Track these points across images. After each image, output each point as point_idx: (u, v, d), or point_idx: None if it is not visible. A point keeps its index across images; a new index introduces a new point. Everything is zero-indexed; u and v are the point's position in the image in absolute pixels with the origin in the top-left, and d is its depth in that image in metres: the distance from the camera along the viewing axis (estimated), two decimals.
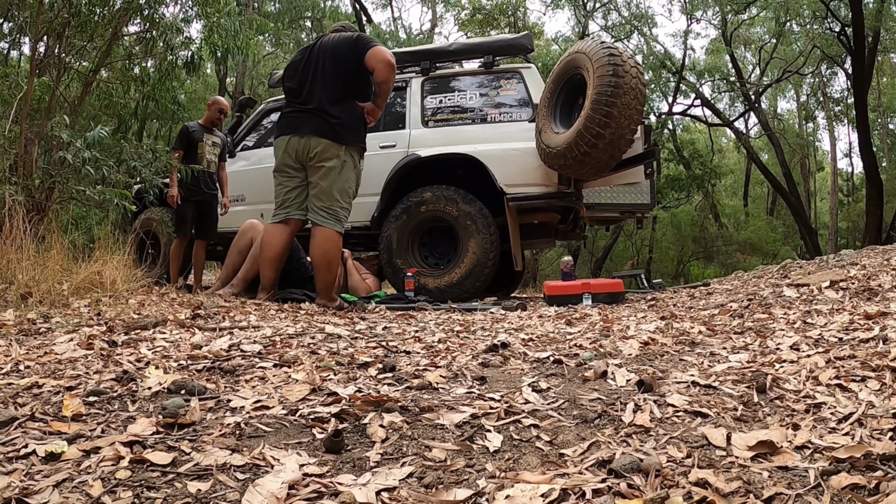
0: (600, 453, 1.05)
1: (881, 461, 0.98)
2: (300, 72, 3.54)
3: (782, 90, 23.61)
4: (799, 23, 15.65)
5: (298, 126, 3.46)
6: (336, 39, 3.53)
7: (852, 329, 1.92)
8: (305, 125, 3.44)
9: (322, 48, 3.53)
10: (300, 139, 3.43)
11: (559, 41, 18.64)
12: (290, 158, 3.49)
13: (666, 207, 18.96)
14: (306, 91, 3.48)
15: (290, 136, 3.47)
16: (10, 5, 4.52)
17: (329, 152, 3.42)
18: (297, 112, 3.50)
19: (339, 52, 3.47)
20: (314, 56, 3.52)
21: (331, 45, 3.51)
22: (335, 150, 3.42)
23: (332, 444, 1.07)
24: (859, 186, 23.21)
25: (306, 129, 3.43)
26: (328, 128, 3.42)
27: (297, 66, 3.58)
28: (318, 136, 3.41)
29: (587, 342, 1.99)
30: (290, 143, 3.46)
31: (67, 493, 0.90)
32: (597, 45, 4.02)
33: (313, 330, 2.25)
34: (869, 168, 12.15)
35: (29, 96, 3.67)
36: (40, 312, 2.24)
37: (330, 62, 3.47)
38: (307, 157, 3.44)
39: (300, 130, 3.44)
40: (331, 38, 3.56)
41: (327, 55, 3.49)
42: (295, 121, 3.49)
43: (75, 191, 3.69)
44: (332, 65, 3.46)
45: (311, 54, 3.54)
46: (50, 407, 1.23)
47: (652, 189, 5.35)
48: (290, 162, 3.50)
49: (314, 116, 3.43)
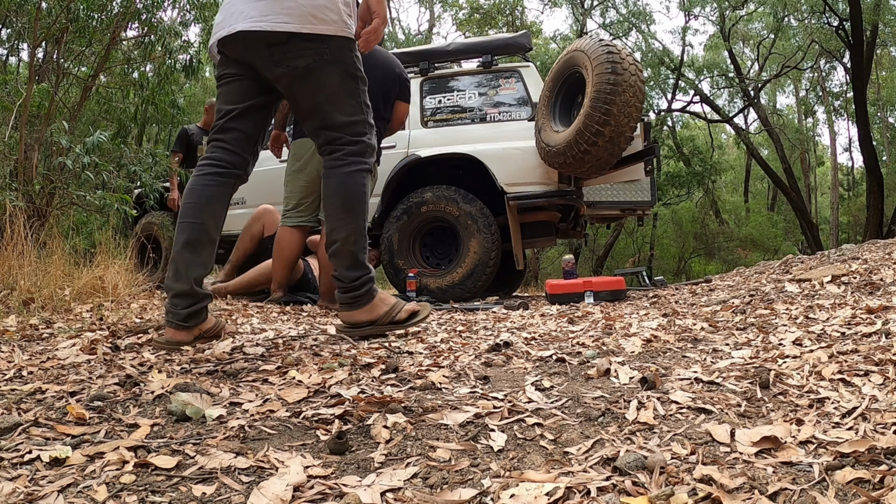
0: (604, 451, 1.05)
1: (885, 455, 0.98)
2: None
3: (781, 85, 23.61)
4: (797, 17, 15.65)
5: None
6: (384, 58, 3.53)
7: (855, 323, 1.92)
8: None
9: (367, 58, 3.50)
10: None
11: (557, 39, 18.66)
12: (319, 163, 3.44)
13: (667, 204, 18.97)
14: None
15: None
16: (7, 11, 4.53)
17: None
18: None
19: (389, 78, 3.48)
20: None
21: (381, 62, 3.48)
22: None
23: (337, 445, 1.07)
24: (860, 181, 23.21)
25: None
26: None
27: None
28: None
29: (590, 340, 1.99)
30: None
31: (72, 498, 0.90)
32: (595, 42, 4.02)
33: (316, 332, 2.26)
34: (869, 162, 12.14)
35: (28, 102, 3.67)
36: (43, 318, 2.24)
37: (380, 80, 3.44)
38: None
39: None
40: (375, 51, 3.52)
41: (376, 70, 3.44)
42: None
43: (76, 196, 3.69)
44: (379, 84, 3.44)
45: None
46: (54, 412, 1.23)
47: (652, 186, 5.36)
48: (319, 166, 3.45)
49: None
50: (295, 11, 1.79)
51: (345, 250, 1.95)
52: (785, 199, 18.39)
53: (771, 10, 15.57)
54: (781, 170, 17.06)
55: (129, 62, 5.12)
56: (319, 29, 1.82)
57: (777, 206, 23.28)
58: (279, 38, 1.82)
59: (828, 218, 23.49)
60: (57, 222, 3.78)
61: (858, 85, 12.07)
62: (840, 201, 23.02)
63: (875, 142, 16.78)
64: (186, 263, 1.85)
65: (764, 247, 18.73)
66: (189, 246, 1.86)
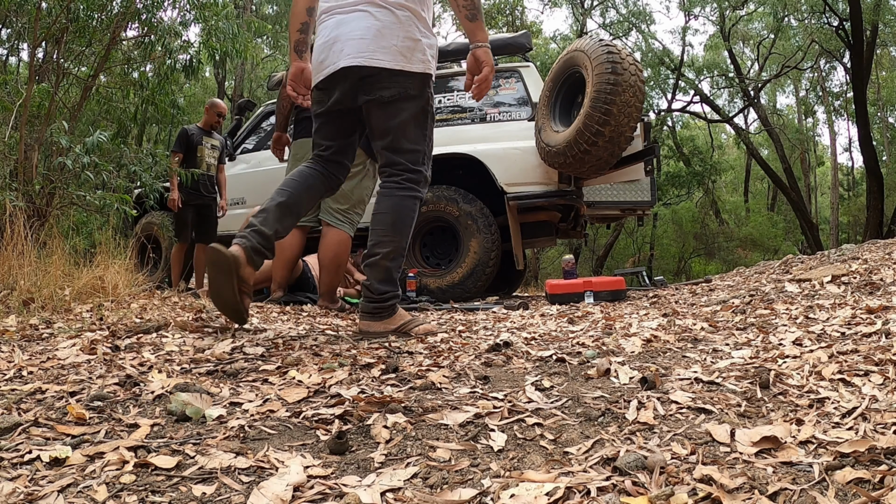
0: (604, 451, 1.05)
1: (885, 455, 0.98)
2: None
3: (781, 85, 23.61)
4: (797, 17, 15.65)
5: None
6: None
7: (855, 323, 1.91)
8: None
9: None
10: None
11: (557, 39, 18.67)
12: None
13: (667, 204, 18.98)
14: None
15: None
16: (7, 11, 4.53)
17: (358, 159, 3.41)
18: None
19: None
20: None
21: None
22: (363, 158, 3.42)
23: (337, 445, 1.07)
24: (860, 181, 23.21)
25: None
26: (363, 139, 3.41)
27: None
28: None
29: (590, 340, 1.99)
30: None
31: (72, 498, 0.90)
32: (595, 42, 4.02)
33: (316, 332, 2.26)
34: (869, 162, 12.14)
35: (28, 102, 3.67)
36: (42, 318, 2.24)
37: None
38: None
39: None
40: None
41: None
42: None
43: (76, 196, 3.69)
44: None
45: None
46: (54, 412, 1.23)
47: (652, 186, 5.36)
48: None
49: None
50: (389, 50, 2.07)
51: (382, 265, 2.15)
52: (785, 199, 18.39)
53: (771, 10, 15.58)
54: (781, 170, 17.06)
55: (129, 62, 5.12)
56: (408, 67, 2.09)
57: (777, 206, 23.29)
58: (373, 72, 2.08)
59: (828, 218, 23.50)
60: (57, 222, 3.78)
61: (858, 85, 12.07)
62: (840, 201, 23.02)
63: (875, 142, 16.78)
64: (275, 217, 2.13)
65: (764, 247, 18.73)
66: (282, 206, 2.15)
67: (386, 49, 2.07)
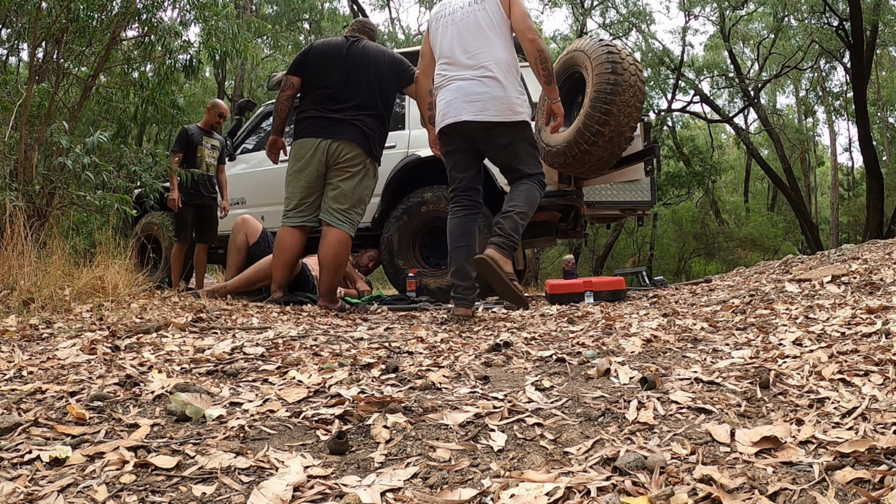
0: (604, 451, 1.05)
1: (885, 455, 0.98)
2: (336, 73, 3.45)
3: (781, 85, 23.61)
4: (797, 17, 15.65)
5: (335, 132, 3.39)
6: (375, 52, 3.49)
7: (855, 323, 1.91)
8: (343, 132, 3.38)
9: (360, 56, 3.46)
10: (336, 144, 3.37)
11: (557, 39, 18.65)
12: (320, 163, 3.42)
13: (667, 204, 18.98)
14: (345, 96, 3.41)
15: (321, 140, 3.39)
16: (7, 11, 4.53)
17: (358, 159, 3.40)
18: (332, 117, 3.42)
19: (382, 71, 3.45)
20: (351, 61, 3.44)
21: (372, 57, 3.46)
22: (363, 158, 3.41)
23: (337, 445, 1.07)
24: (860, 181, 23.21)
25: (344, 135, 3.37)
26: (363, 137, 3.39)
27: (330, 66, 3.46)
28: (354, 142, 3.38)
29: (590, 340, 1.99)
30: (320, 147, 3.39)
31: (72, 498, 0.90)
32: (595, 42, 4.02)
33: (316, 332, 2.26)
34: (869, 162, 12.14)
35: (28, 102, 3.67)
36: (42, 318, 2.24)
37: (373, 75, 3.43)
38: (335, 160, 3.39)
39: (338, 136, 3.38)
40: (366, 47, 3.49)
41: (369, 67, 3.43)
42: (331, 126, 3.40)
43: (76, 196, 3.69)
44: (373, 79, 3.43)
45: (349, 59, 3.45)
46: (54, 412, 1.23)
47: (652, 186, 5.35)
48: (319, 166, 3.42)
49: (350, 125, 3.38)
50: (501, 108, 2.79)
51: (514, 217, 2.80)
52: (785, 199, 18.40)
53: (771, 10, 15.58)
54: (781, 170, 17.07)
55: (129, 62, 5.11)
56: (515, 118, 2.82)
57: (777, 206, 23.29)
58: (490, 125, 2.80)
59: (828, 218, 23.50)
60: (57, 222, 3.78)
61: (858, 85, 12.07)
62: (840, 201, 23.02)
63: (875, 142, 16.78)
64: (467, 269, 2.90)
65: (764, 247, 18.72)
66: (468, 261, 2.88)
67: (498, 107, 2.77)
